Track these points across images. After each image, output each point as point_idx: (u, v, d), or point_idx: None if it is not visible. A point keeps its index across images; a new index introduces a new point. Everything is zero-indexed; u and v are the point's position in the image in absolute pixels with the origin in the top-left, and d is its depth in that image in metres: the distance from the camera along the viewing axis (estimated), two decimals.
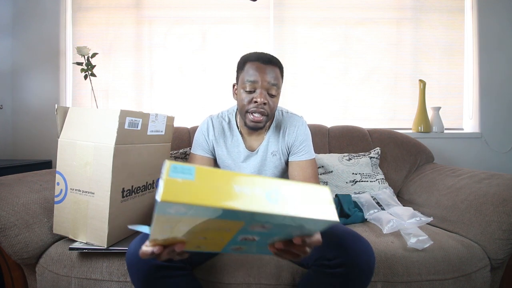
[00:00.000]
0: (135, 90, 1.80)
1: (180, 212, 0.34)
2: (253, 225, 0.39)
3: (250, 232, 0.41)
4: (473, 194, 0.97)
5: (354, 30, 1.80)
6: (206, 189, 0.35)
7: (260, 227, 0.40)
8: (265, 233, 0.42)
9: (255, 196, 0.36)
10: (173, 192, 0.33)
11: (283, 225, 0.40)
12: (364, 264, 0.63)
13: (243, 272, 0.80)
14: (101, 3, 1.78)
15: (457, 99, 1.82)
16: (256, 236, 0.43)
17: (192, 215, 0.35)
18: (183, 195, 0.33)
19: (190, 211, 0.34)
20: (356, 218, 1.10)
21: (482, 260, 0.86)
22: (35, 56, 1.72)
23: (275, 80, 0.85)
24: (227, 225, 0.39)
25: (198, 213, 0.35)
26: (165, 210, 0.34)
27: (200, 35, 1.80)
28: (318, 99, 1.80)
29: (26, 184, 0.95)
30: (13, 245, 0.81)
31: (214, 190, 0.35)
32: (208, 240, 0.43)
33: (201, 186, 0.35)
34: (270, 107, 0.85)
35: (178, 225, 0.38)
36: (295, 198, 0.39)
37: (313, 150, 0.93)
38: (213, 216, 0.36)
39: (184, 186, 0.34)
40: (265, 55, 0.88)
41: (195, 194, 0.34)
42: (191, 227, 0.39)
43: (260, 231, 0.41)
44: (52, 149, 1.26)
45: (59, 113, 0.84)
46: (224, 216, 0.36)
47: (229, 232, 0.41)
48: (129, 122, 0.81)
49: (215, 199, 0.34)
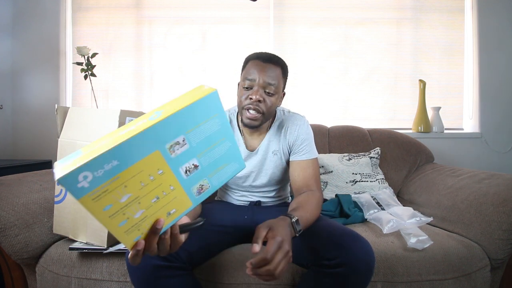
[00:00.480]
0: (135, 90, 1.80)
1: (91, 181, 0.36)
2: (168, 146, 0.41)
3: (179, 159, 0.43)
4: (473, 194, 0.97)
5: (354, 30, 1.80)
6: (96, 148, 0.37)
7: (177, 145, 0.42)
8: (190, 150, 0.44)
9: (139, 125, 0.39)
10: (65, 168, 0.35)
11: (189, 130, 0.43)
12: (364, 264, 0.63)
13: (243, 272, 0.80)
14: (101, 3, 1.78)
15: (457, 99, 1.82)
16: (191, 160, 0.45)
17: (106, 178, 0.37)
18: (74, 164, 0.35)
19: (97, 173, 0.36)
20: (356, 218, 1.10)
21: (482, 260, 0.86)
22: (35, 56, 1.72)
23: (274, 79, 0.84)
24: (150, 164, 0.41)
25: (106, 170, 0.36)
26: (76, 187, 0.35)
27: (200, 35, 1.80)
28: (318, 99, 1.80)
29: (26, 184, 0.95)
30: (13, 245, 0.81)
31: (103, 144, 0.37)
32: (165, 199, 0.44)
33: (90, 149, 0.37)
34: (267, 105, 0.84)
35: (114, 200, 0.39)
36: (173, 106, 0.42)
37: (315, 150, 0.92)
38: (125, 166, 0.38)
39: (75, 161, 0.36)
40: (267, 54, 0.88)
41: (87, 156, 0.36)
42: (126, 193, 0.40)
43: (184, 150, 0.43)
44: (52, 149, 1.26)
45: (59, 113, 0.84)
46: (132, 158, 0.38)
47: (164, 173, 0.43)
48: (129, 122, 0.81)
49: (105, 147, 0.36)
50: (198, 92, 0.44)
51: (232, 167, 0.51)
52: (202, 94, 0.43)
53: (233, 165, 0.52)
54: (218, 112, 0.45)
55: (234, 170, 0.52)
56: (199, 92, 0.44)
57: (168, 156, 0.42)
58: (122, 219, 0.40)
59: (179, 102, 0.43)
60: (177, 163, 0.43)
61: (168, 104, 0.44)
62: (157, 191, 0.43)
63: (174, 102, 0.43)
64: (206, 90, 0.44)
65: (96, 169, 0.35)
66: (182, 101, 0.42)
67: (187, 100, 0.43)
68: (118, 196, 0.39)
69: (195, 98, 0.42)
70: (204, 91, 0.44)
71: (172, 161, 0.43)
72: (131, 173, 0.39)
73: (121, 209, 0.40)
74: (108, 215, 0.39)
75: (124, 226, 0.41)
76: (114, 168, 0.37)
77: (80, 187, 0.35)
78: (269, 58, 0.86)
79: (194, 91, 0.45)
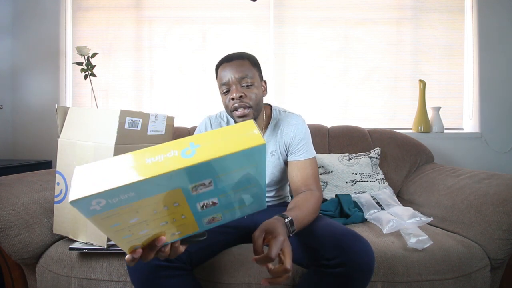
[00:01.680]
0: (135, 90, 1.80)
1: (104, 206, 0.34)
2: (192, 187, 0.38)
3: (200, 196, 0.40)
4: (473, 194, 0.97)
5: (354, 30, 1.80)
6: (116, 173, 0.34)
7: (202, 186, 0.39)
8: (214, 190, 0.40)
9: (169, 159, 0.35)
10: (80, 190, 0.33)
11: (220, 175, 0.38)
12: (364, 264, 0.63)
13: (243, 272, 0.80)
14: (101, 3, 1.78)
15: (457, 99, 1.82)
16: (211, 198, 0.42)
17: (119, 204, 0.35)
18: (91, 188, 0.33)
19: (111, 199, 0.34)
20: (356, 218, 1.10)
21: (482, 260, 0.86)
22: (35, 56, 1.71)
23: (244, 71, 0.84)
24: (168, 199, 0.38)
25: (121, 199, 0.34)
26: (88, 209, 0.34)
27: (200, 35, 1.80)
28: (318, 99, 1.80)
29: (26, 184, 0.95)
30: (13, 245, 0.81)
31: (125, 170, 0.34)
32: (173, 224, 0.43)
33: (111, 172, 0.34)
34: (251, 98, 0.84)
35: (123, 220, 0.37)
36: (214, 143, 0.37)
37: (313, 149, 0.92)
38: (141, 197, 0.35)
39: (92, 180, 0.33)
40: (229, 54, 0.90)
41: (105, 181, 0.33)
42: (136, 216, 0.38)
43: (207, 190, 0.39)
44: (52, 149, 1.26)
45: (59, 113, 0.84)
46: (151, 192, 0.36)
47: (181, 206, 0.40)
48: (129, 122, 0.81)
49: (126, 177, 0.33)
50: (245, 137, 0.37)
51: (251, 207, 0.48)
52: (249, 144, 0.37)
53: (253, 206, 0.48)
54: (258, 163, 0.41)
55: (252, 210, 0.49)
56: (246, 138, 0.37)
57: (189, 194, 0.39)
58: (127, 234, 0.40)
59: (219, 141, 0.37)
60: (196, 199, 0.40)
61: (207, 136, 0.38)
62: (168, 218, 0.41)
63: (215, 138, 0.38)
64: (255, 139, 0.37)
65: (111, 197, 0.34)
66: (224, 141, 0.37)
67: (230, 142, 0.37)
68: (127, 218, 0.38)
69: (240, 145, 0.36)
70: (252, 139, 0.37)
71: (191, 198, 0.40)
72: (146, 203, 0.37)
73: (128, 227, 0.39)
74: (114, 230, 0.38)
75: (127, 239, 0.41)
76: (129, 198, 0.35)
77: (91, 209, 0.34)
78: (232, 56, 0.88)
79: (241, 131, 0.38)
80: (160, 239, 0.43)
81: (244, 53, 0.90)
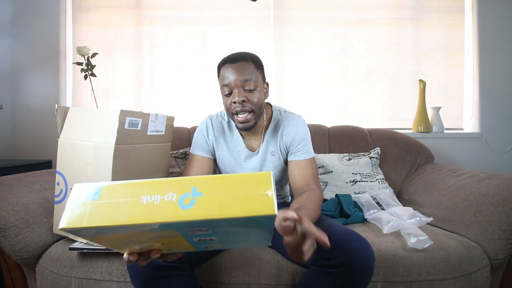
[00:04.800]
0: (135, 90, 1.80)
1: (95, 233, 0.34)
2: (187, 231, 0.35)
3: (196, 235, 0.37)
4: (473, 194, 0.97)
5: (354, 30, 1.80)
6: (110, 207, 0.33)
7: (198, 231, 0.35)
8: (211, 234, 0.37)
9: (165, 204, 0.32)
10: (72, 218, 0.32)
11: (218, 227, 0.35)
12: (364, 264, 0.63)
13: (243, 272, 0.80)
14: (101, 3, 1.78)
15: (457, 99, 1.82)
16: (209, 237, 0.38)
17: (111, 233, 0.34)
18: (82, 219, 0.32)
19: (102, 230, 0.33)
20: (356, 218, 1.10)
21: (482, 260, 0.86)
22: (35, 56, 1.71)
23: (248, 74, 0.82)
24: (162, 233, 0.35)
25: (112, 231, 0.33)
26: (78, 233, 0.33)
27: (200, 35, 1.80)
28: (318, 99, 1.80)
29: (26, 184, 0.95)
30: (13, 245, 0.81)
31: (118, 207, 0.33)
32: (169, 245, 0.41)
33: (105, 205, 0.33)
34: (253, 102, 0.83)
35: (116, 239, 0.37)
36: (217, 195, 0.33)
37: (312, 150, 0.92)
38: (133, 231, 0.34)
39: (86, 209, 0.33)
40: (233, 54, 0.87)
41: (96, 215, 0.32)
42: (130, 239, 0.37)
43: (203, 233, 0.36)
44: (52, 149, 1.26)
45: (59, 113, 0.84)
46: (143, 229, 0.33)
47: (175, 238, 0.37)
48: (129, 122, 0.81)
49: (117, 217, 0.32)
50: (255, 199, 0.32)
51: (252, 243, 0.45)
52: (258, 211, 0.31)
53: (255, 243, 0.45)
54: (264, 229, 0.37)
55: (253, 245, 0.46)
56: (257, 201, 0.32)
57: (184, 234, 0.36)
58: (122, 246, 0.40)
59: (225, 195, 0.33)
60: (191, 237, 0.37)
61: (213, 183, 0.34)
62: (162, 242, 0.40)
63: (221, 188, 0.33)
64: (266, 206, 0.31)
65: (102, 231, 0.33)
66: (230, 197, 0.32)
67: (236, 200, 0.32)
68: (121, 239, 0.37)
69: (246, 209, 0.31)
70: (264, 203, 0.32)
71: (188, 237, 0.37)
72: (139, 234, 0.35)
73: (122, 243, 0.39)
74: (108, 243, 0.39)
75: (123, 248, 0.42)
76: (120, 231, 0.33)
77: (82, 234, 0.34)
78: (236, 57, 0.85)
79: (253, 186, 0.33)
80: (156, 252, 0.43)
81: (248, 54, 0.87)
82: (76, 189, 0.35)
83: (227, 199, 0.32)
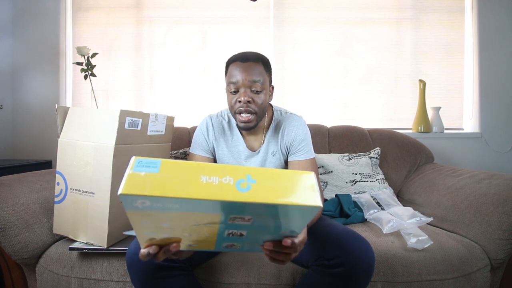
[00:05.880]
0: (135, 90, 1.80)
1: (146, 206, 0.34)
2: (232, 217, 0.38)
3: (233, 226, 0.40)
4: (473, 194, 0.97)
5: (354, 30, 1.80)
6: (170, 181, 0.34)
7: (240, 219, 0.38)
8: (249, 226, 0.40)
9: (223, 185, 0.35)
10: (133, 186, 0.33)
11: (263, 216, 0.38)
12: (364, 264, 0.63)
13: (243, 272, 0.80)
14: (101, 3, 1.78)
15: (457, 99, 1.82)
16: (242, 230, 0.42)
17: (161, 209, 0.35)
18: (143, 187, 0.33)
19: (156, 204, 0.34)
20: (356, 218, 1.10)
21: (482, 260, 0.86)
22: (35, 56, 1.71)
23: (257, 76, 0.83)
24: (204, 218, 0.38)
25: (165, 206, 0.35)
26: (131, 204, 0.34)
27: (200, 35, 1.80)
28: (318, 99, 1.80)
29: (26, 184, 0.95)
30: (13, 245, 0.81)
31: (179, 182, 0.34)
32: (194, 237, 0.43)
33: (165, 178, 0.34)
34: (257, 104, 0.83)
35: (155, 221, 0.38)
36: (270, 185, 0.36)
37: (312, 150, 0.92)
38: (183, 210, 0.36)
39: (146, 179, 0.34)
40: (245, 53, 0.87)
41: (157, 186, 0.34)
42: (168, 222, 0.38)
43: (242, 223, 0.39)
44: (52, 149, 1.26)
45: (59, 113, 0.84)
46: (194, 208, 0.36)
47: (211, 227, 0.40)
48: (129, 122, 0.81)
49: (178, 190, 0.34)
50: (304, 192, 0.37)
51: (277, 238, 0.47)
52: (306, 202, 0.36)
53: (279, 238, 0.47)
54: (304, 220, 0.40)
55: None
56: (305, 194, 0.37)
57: (225, 221, 0.39)
58: (151, 232, 0.41)
59: (276, 184, 0.36)
60: (228, 227, 0.40)
61: (264, 174, 0.37)
62: (193, 232, 0.41)
63: (272, 179, 0.37)
64: (313, 198, 0.36)
65: (157, 202, 0.34)
66: (282, 187, 0.36)
67: (287, 190, 0.36)
68: (160, 221, 0.38)
69: (297, 199, 0.36)
70: (311, 196, 0.37)
71: (224, 225, 0.40)
72: (184, 216, 0.37)
73: (155, 227, 0.39)
74: (142, 225, 0.39)
75: (149, 235, 0.42)
76: (172, 208, 0.35)
77: (134, 205, 0.34)
78: (248, 57, 0.84)
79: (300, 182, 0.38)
80: (175, 246, 0.43)
81: (259, 55, 0.88)
82: (134, 161, 0.35)
83: (280, 189, 0.36)
